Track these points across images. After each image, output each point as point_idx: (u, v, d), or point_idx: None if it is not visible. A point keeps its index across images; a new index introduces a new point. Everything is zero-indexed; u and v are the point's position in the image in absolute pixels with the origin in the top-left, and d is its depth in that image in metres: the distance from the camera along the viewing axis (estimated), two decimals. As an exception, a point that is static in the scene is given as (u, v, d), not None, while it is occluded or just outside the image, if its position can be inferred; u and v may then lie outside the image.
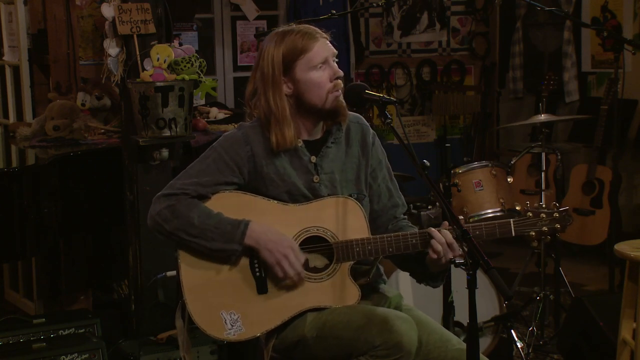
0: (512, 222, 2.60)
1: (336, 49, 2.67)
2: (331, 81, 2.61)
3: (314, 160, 2.66)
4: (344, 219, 2.61)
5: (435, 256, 2.51)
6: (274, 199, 2.62)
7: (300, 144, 2.66)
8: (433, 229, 2.54)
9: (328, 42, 2.65)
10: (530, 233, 2.60)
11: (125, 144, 3.87)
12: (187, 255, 2.58)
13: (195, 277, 2.57)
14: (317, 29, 2.66)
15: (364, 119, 2.78)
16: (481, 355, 2.51)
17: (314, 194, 2.64)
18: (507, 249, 6.06)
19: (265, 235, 2.54)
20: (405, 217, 2.81)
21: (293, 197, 2.63)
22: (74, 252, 4.49)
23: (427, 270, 2.64)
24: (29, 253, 3.96)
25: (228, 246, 2.53)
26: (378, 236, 2.60)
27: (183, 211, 2.54)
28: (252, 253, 2.57)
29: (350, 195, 2.66)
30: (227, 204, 2.59)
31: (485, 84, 7.07)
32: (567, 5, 6.46)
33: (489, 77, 7.20)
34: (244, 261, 2.59)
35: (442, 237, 2.50)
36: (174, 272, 2.64)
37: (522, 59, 6.92)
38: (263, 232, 2.55)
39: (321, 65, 2.61)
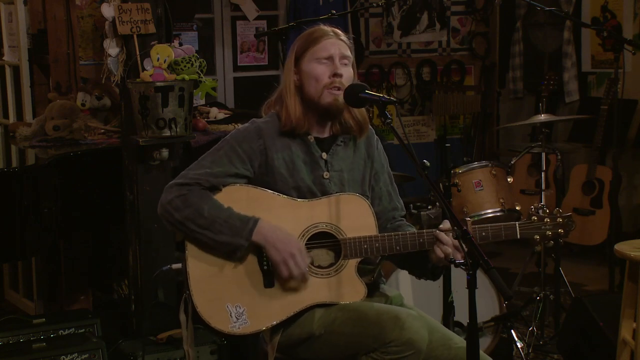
0: (517, 225, 2.65)
1: (352, 55, 2.71)
2: (329, 78, 2.63)
3: (324, 157, 2.71)
4: (353, 216, 2.64)
5: (442, 256, 2.55)
6: (282, 194, 2.64)
7: (312, 139, 2.70)
8: (441, 232, 2.56)
9: (344, 44, 2.69)
10: (535, 237, 2.65)
11: (125, 144, 3.87)
12: (194, 248, 2.59)
13: (202, 269, 2.58)
14: (339, 31, 2.73)
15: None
16: (483, 354, 2.53)
17: (323, 191, 2.67)
18: (507, 249, 6.06)
19: (274, 233, 2.56)
20: (403, 219, 2.84)
21: (301, 193, 2.65)
22: (74, 252, 4.50)
23: (428, 266, 2.68)
24: (29, 253, 3.96)
25: (234, 240, 2.55)
26: (386, 234, 2.63)
27: (194, 202, 2.56)
28: (260, 249, 2.59)
29: None
30: (237, 198, 2.61)
31: (485, 84, 7.07)
32: (567, 5, 6.46)
33: (489, 77, 7.20)
34: (252, 255, 2.60)
35: (449, 239, 2.54)
36: (179, 265, 2.64)
37: (522, 59, 6.92)
38: (272, 230, 2.57)
39: (325, 60, 2.66)
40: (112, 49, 3.75)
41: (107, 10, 3.70)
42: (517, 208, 4.37)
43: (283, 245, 2.55)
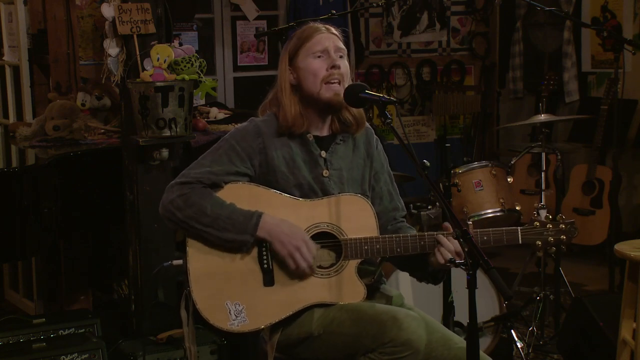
0: (519, 230, 2.65)
1: (346, 47, 2.72)
2: (327, 70, 2.64)
3: (324, 155, 2.70)
4: (354, 216, 2.63)
5: (442, 261, 2.55)
6: (285, 193, 2.64)
7: (311, 138, 2.70)
8: (442, 236, 2.56)
9: (336, 37, 2.71)
10: (537, 242, 2.65)
11: (125, 144, 3.87)
12: (195, 245, 2.60)
13: (203, 266, 2.59)
14: (330, 26, 2.74)
15: (367, 124, 2.82)
16: (483, 354, 2.53)
17: (323, 189, 2.67)
18: (507, 249, 6.04)
19: (278, 227, 2.56)
20: (404, 220, 2.83)
21: (302, 191, 2.65)
22: (74, 252, 4.50)
23: (428, 269, 2.68)
24: (29, 253, 3.96)
25: (240, 237, 2.55)
26: (387, 236, 2.62)
27: (196, 200, 2.56)
28: (262, 245, 2.59)
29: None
30: (239, 195, 2.61)
31: (485, 84, 7.07)
32: (567, 5, 6.46)
33: (489, 77, 7.20)
34: (253, 253, 2.60)
35: (451, 245, 2.54)
36: (179, 261, 2.64)
37: (522, 59, 6.92)
38: (276, 224, 2.57)
39: (320, 55, 2.66)
40: (112, 49, 3.75)
41: (107, 10, 3.70)
42: (517, 208, 4.37)
43: (288, 238, 2.55)
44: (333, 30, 2.72)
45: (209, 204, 2.56)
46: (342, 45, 2.70)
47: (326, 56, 2.66)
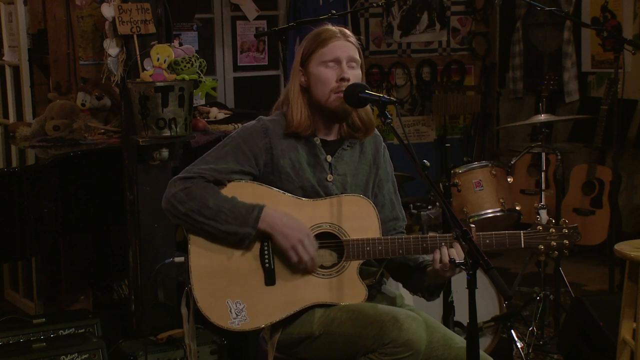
0: (522, 234, 2.64)
1: (360, 58, 2.69)
2: (336, 82, 2.63)
3: (329, 160, 2.70)
4: (357, 217, 2.63)
5: (438, 266, 2.54)
6: (288, 193, 2.63)
7: (318, 141, 2.70)
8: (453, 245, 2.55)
9: (351, 45, 2.68)
10: (539, 247, 2.64)
11: (125, 144, 3.87)
12: (197, 241, 2.59)
13: (205, 264, 2.59)
14: (347, 31, 2.70)
15: (376, 130, 2.81)
16: (483, 354, 2.53)
17: (326, 193, 2.67)
18: (507, 249, 6.04)
19: (280, 220, 2.56)
20: (404, 231, 2.83)
21: (306, 193, 2.65)
22: (74, 252, 4.50)
23: (425, 282, 2.68)
24: (29, 253, 3.96)
25: (241, 229, 2.54)
26: (389, 237, 2.62)
27: (198, 193, 2.55)
28: (263, 243, 2.59)
29: None
30: (242, 193, 2.61)
31: (485, 84, 7.07)
32: (567, 5, 6.46)
33: (489, 77, 7.20)
34: (254, 251, 2.60)
35: (457, 255, 2.52)
36: (181, 258, 2.64)
37: (522, 59, 6.92)
38: (278, 217, 2.56)
39: (332, 63, 2.64)
40: (112, 49, 3.75)
41: (107, 10, 3.71)
42: (517, 208, 4.37)
43: (291, 231, 2.55)
44: (350, 37, 2.69)
45: (211, 196, 2.55)
46: (356, 55, 2.67)
47: (337, 66, 2.64)
